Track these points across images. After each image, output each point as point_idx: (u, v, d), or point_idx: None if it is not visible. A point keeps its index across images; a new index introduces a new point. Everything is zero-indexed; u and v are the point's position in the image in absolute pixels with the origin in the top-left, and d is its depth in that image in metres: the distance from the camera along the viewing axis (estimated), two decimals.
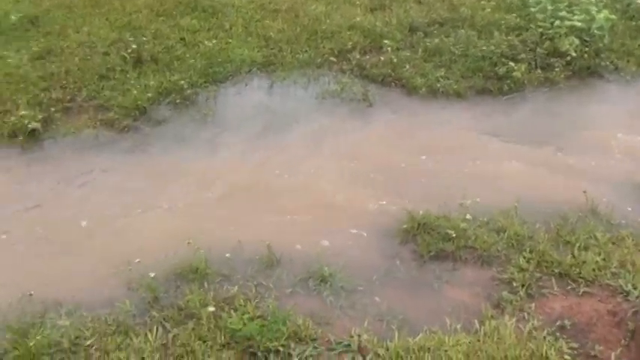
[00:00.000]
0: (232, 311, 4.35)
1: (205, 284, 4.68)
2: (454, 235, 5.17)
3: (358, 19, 8.94)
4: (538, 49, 8.17)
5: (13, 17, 8.65)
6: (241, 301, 4.47)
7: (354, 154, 6.55)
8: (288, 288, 4.74)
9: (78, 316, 4.37)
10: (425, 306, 4.63)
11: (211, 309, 4.34)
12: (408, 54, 8.22)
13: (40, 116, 6.77)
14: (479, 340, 4.19)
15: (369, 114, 7.30)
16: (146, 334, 4.18)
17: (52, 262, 4.95)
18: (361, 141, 6.80)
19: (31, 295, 4.46)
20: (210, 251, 4.97)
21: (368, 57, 8.25)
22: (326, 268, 4.86)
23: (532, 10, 8.79)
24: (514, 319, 4.37)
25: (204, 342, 4.11)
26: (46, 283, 4.62)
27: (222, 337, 4.14)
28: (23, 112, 6.75)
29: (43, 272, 4.81)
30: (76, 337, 4.16)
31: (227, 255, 5.01)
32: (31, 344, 4.01)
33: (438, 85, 7.68)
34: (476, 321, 4.39)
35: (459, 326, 4.36)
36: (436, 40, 8.40)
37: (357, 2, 9.54)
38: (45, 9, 9.02)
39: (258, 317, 4.30)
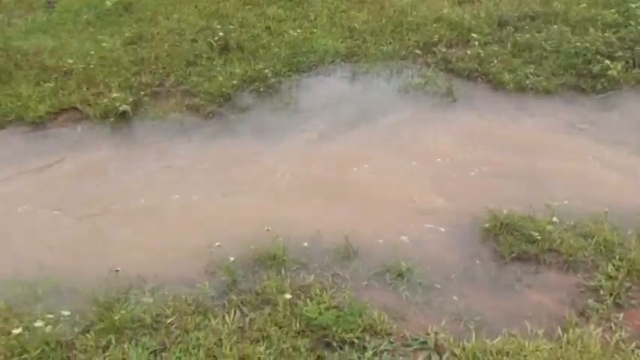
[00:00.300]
0: (308, 300, 4.35)
1: (282, 271, 4.71)
2: (539, 238, 4.97)
3: (445, 11, 8.74)
4: (637, 48, 7.72)
5: (108, 3, 8.98)
6: (317, 290, 4.47)
7: (436, 149, 6.43)
8: (365, 280, 4.70)
9: (160, 294, 4.48)
10: (504, 308, 4.48)
11: (288, 296, 4.36)
12: (496, 48, 7.96)
13: (130, 99, 7.03)
14: (561, 348, 4.01)
15: (452, 109, 7.14)
16: (224, 316, 4.24)
17: (137, 241, 5.12)
18: (443, 136, 6.66)
19: (117, 271, 4.62)
20: (289, 239, 4.98)
21: (454, 50, 8.06)
22: (403, 262, 4.78)
23: (632, 6, 8.33)
24: (600, 329, 4.16)
25: (280, 328, 4.13)
26: (132, 261, 4.79)
27: (298, 325, 4.14)
28: (115, 95, 7.03)
29: (129, 250, 4.99)
30: (157, 315, 4.27)
31: (305, 244, 5.01)
32: (116, 318, 4.14)
33: (527, 81, 7.41)
34: (558, 328, 4.22)
35: (540, 332, 4.19)
36: (527, 35, 8.10)
37: None
38: None
39: (334, 307, 4.28)
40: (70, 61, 7.62)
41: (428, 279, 4.71)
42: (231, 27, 8.29)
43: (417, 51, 8.07)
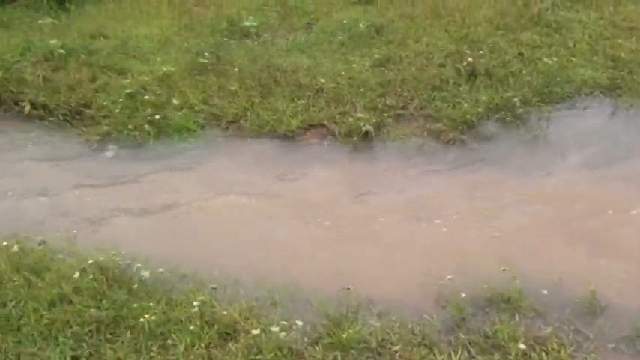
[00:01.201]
0: (544, 353, 3.97)
1: (516, 317, 4.39)
2: None
3: None
4: None
5: (361, 25, 9.33)
6: (555, 344, 4.06)
7: None
8: (611, 343, 4.16)
9: (387, 319, 4.45)
10: None
11: (522, 346, 4.03)
12: None
13: (373, 120, 7.16)
14: None
15: None
16: (450, 354, 4.06)
17: (370, 261, 5.18)
18: None
19: (348, 289, 4.68)
20: (526, 283, 4.64)
21: None
22: None
23: None
24: None
25: None
26: (363, 280, 4.84)
27: None
28: (360, 115, 7.24)
29: (362, 269, 5.05)
30: (383, 339, 4.23)
31: (544, 291, 4.62)
32: (344, 335, 4.20)
33: None
34: None
35: None
36: None
37: None
38: (390, 18, 9.53)
39: None
40: (322, 80, 8.02)
41: None
42: (481, 52, 8.07)
43: None
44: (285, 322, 4.36)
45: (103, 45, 9.16)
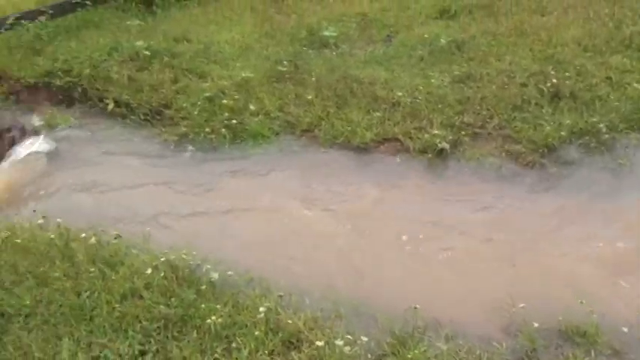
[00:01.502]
0: None
1: (592, 353, 4.19)
2: None
3: None
4: None
5: (442, 40, 9.16)
6: None
7: None
8: None
9: (454, 343, 4.34)
10: None
11: None
12: None
13: (450, 137, 6.99)
14: None
15: None
16: None
17: (440, 282, 5.09)
18: None
19: (415, 308, 4.58)
20: (604, 318, 4.44)
21: None
22: None
23: None
24: None
25: None
26: (431, 300, 4.74)
27: None
28: (436, 132, 7.08)
29: (431, 289, 4.96)
30: None
31: (624, 329, 4.40)
32: (409, 356, 4.13)
33: None
34: None
35: None
36: None
37: None
38: (471, 35, 9.30)
39: None
40: (399, 93, 7.90)
41: None
42: (567, 74, 7.75)
43: None
44: (349, 337, 4.31)
45: (186, 48, 9.38)
